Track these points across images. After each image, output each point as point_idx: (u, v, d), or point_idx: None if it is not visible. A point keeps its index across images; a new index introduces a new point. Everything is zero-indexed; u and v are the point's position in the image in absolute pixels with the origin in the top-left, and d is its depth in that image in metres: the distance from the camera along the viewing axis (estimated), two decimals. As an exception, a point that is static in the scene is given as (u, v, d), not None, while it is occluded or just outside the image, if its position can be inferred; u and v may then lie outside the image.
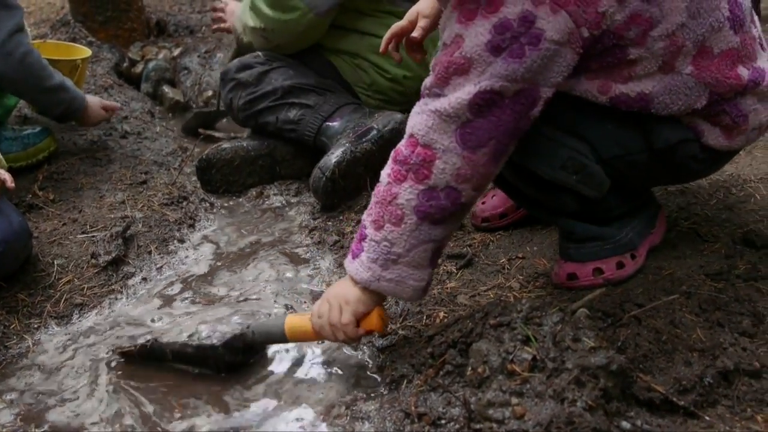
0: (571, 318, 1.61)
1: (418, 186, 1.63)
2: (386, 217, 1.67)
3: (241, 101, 2.96)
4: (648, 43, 1.63)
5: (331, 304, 1.77)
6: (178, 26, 4.70)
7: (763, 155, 2.48)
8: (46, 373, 1.94)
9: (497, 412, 1.48)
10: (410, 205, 1.64)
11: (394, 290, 1.72)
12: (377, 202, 1.69)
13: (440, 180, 1.61)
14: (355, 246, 1.75)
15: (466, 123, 1.58)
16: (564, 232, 2.00)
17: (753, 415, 1.49)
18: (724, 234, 2.09)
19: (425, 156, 1.61)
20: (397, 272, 1.70)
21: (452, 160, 1.60)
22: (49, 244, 2.45)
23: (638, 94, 1.69)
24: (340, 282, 1.81)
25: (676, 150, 1.80)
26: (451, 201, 1.64)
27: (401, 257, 1.68)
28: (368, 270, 1.70)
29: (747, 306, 1.78)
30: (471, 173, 1.62)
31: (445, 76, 1.60)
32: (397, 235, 1.66)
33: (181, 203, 2.80)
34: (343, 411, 1.71)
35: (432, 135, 1.60)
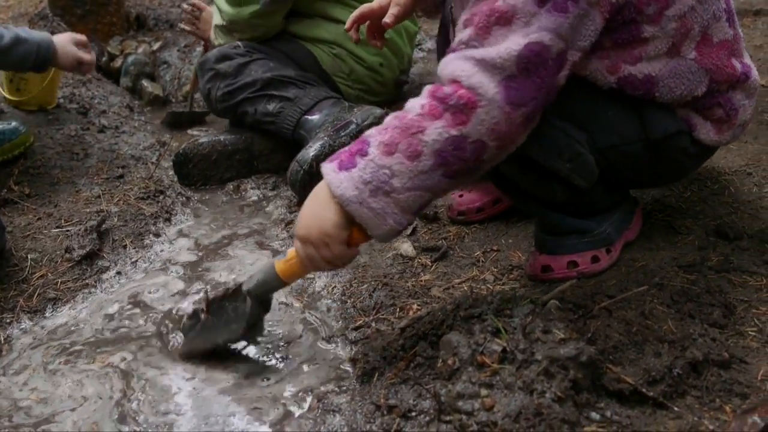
0: (542, 310, 1.61)
1: (450, 130, 1.51)
2: (402, 146, 1.53)
3: (220, 92, 2.95)
4: (662, 22, 1.68)
5: (313, 244, 1.62)
6: (158, 20, 4.68)
7: (737, 148, 2.49)
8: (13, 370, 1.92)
9: (467, 403, 1.48)
10: (434, 147, 1.52)
11: (371, 221, 1.57)
12: (398, 126, 1.55)
13: (474, 130, 1.51)
14: (346, 157, 1.58)
15: (511, 77, 1.50)
16: (543, 225, 2.01)
17: (721, 405, 1.50)
18: (698, 226, 2.10)
19: (468, 100, 1.50)
20: (382, 204, 1.55)
21: (493, 111, 1.50)
22: (23, 238, 2.43)
23: (645, 76, 1.72)
24: (307, 207, 1.65)
25: (669, 142, 1.83)
26: (475, 156, 1.54)
27: (395, 192, 1.55)
28: (355, 189, 1.55)
29: (718, 297, 1.79)
30: (506, 131, 1.53)
31: (486, 25, 1.53)
32: (404, 170, 1.53)
33: (157, 197, 2.78)
34: (314, 404, 1.71)
35: (477, 79, 1.50)
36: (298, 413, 1.69)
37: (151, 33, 4.55)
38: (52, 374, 1.88)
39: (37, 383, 1.85)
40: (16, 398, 1.80)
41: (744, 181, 2.30)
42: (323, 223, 1.60)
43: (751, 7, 3.92)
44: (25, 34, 2.73)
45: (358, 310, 2.01)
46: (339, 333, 1.96)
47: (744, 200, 2.20)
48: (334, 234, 1.60)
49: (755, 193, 2.23)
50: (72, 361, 1.92)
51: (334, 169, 1.59)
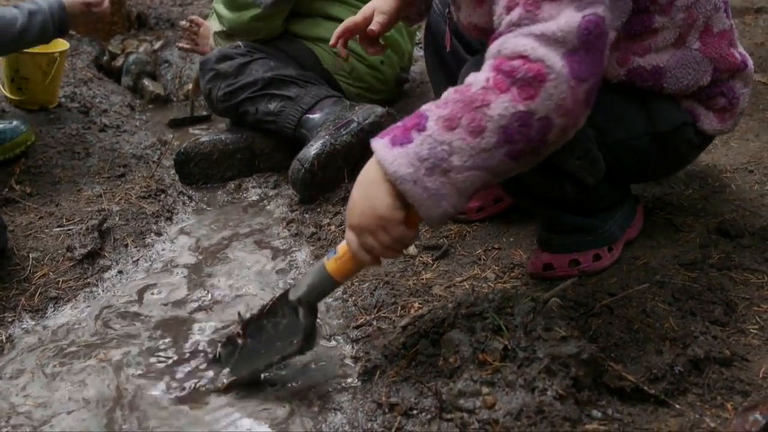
0: (543, 308, 1.61)
1: (518, 105, 1.40)
2: (465, 121, 1.42)
3: (220, 92, 2.95)
4: (672, 12, 1.71)
5: (370, 232, 1.52)
6: (159, 19, 4.68)
7: (738, 146, 2.49)
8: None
9: (468, 401, 1.48)
10: (500, 122, 1.41)
11: (425, 202, 1.45)
12: (459, 100, 1.44)
13: (542, 106, 1.41)
14: (401, 132, 1.48)
15: (572, 51, 1.42)
16: (548, 223, 2.01)
17: (723, 402, 1.50)
18: (699, 224, 2.10)
19: (537, 72, 1.40)
20: (438, 184, 1.44)
21: (561, 86, 1.40)
22: (24, 237, 2.43)
23: (654, 67, 1.75)
24: (356, 191, 1.55)
25: (676, 134, 1.85)
26: (541, 134, 1.43)
27: (452, 172, 1.43)
28: (410, 165, 1.43)
29: (719, 295, 1.79)
30: (572, 107, 1.43)
31: (535, 1, 1.45)
32: (465, 147, 1.42)
33: (159, 196, 2.78)
34: (315, 402, 1.70)
35: (542, 51, 1.41)
36: (300, 411, 1.68)
37: (153, 32, 4.55)
38: (52, 376, 1.88)
39: (37, 384, 1.85)
40: (14, 401, 1.80)
41: (745, 178, 2.30)
42: (375, 205, 1.50)
43: (752, 4, 3.92)
44: (32, 5, 2.73)
45: (360, 309, 2.01)
46: (340, 331, 1.96)
47: (745, 198, 2.20)
48: (389, 216, 1.49)
49: (757, 190, 2.23)
50: (72, 362, 1.92)
51: (386, 144, 1.48)
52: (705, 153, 2.45)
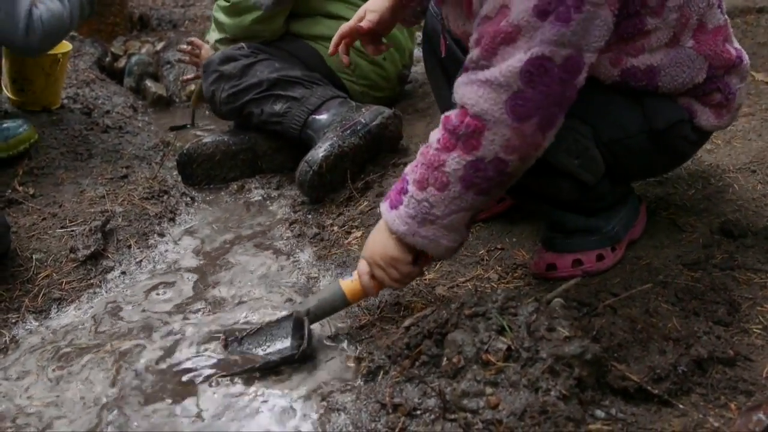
0: (546, 308, 1.62)
1: (466, 157, 1.62)
2: (431, 180, 1.67)
3: (224, 94, 2.95)
4: (664, 14, 1.71)
5: (383, 268, 1.80)
6: (161, 20, 4.69)
7: (741, 146, 2.49)
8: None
9: (472, 402, 1.48)
10: (457, 175, 1.64)
11: (428, 247, 1.75)
12: (424, 163, 1.69)
13: (489, 151, 1.60)
14: (394, 196, 1.76)
15: (516, 93, 1.56)
16: (551, 223, 2.01)
17: (726, 402, 1.50)
18: (702, 224, 2.10)
19: (475, 127, 1.59)
20: (432, 231, 1.72)
21: (502, 131, 1.58)
22: (27, 238, 2.44)
23: (647, 67, 1.75)
24: (374, 236, 1.83)
25: (672, 131, 1.85)
26: (498, 172, 1.63)
27: (439, 219, 1.70)
28: (405, 224, 1.72)
29: (723, 295, 1.79)
30: (519, 144, 1.60)
31: (492, 46, 1.58)
32: (439, 200, 1.68)
33: (161, 197, 2.79)
34: (319, 402, 1.71)
35: (482, 105, 1.58)
36: (304, 412, 1.69)
37: (155, 33, 4.56)
38: (55, 377, 1.88)
39: (41, 385, 1.85)
40: (18, 402, 1.81)
41: (748, 178, 2.30)
42: (387, 250, 1.79)
43: (755, 4, 3.91)
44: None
45: (363, 309, 2.01)
46: (344, 332, 1.96)
47: (748, 198, 2.20)
48: (400, 257, 1.79)
49: (759, 190, 2.23)
50: (75, 362, 1.93)
51: (387, 208, 1.78)
52: (708, 153, 2.46)
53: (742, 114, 2.71)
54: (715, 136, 2.57)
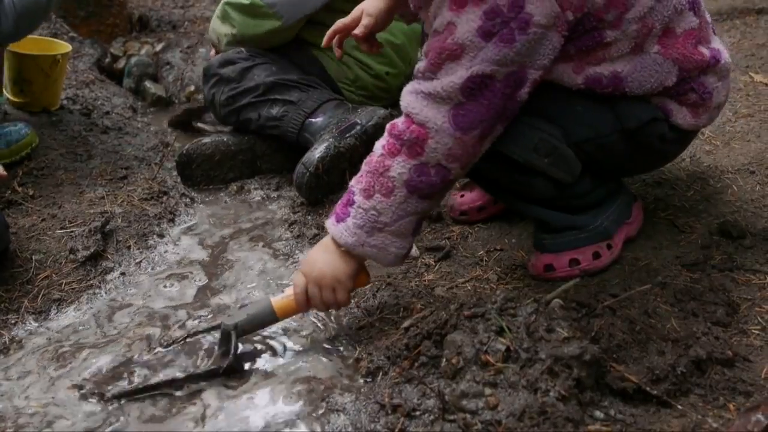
0: (545, 309, 1.62)
1: (410, 161, 1.69)
2: (377, 187, 1.73)
3: (223, 96, 2.95)
4: (623, 26, 1.72)
5: (321, 286, 1.81)
6: (161, 21, 4.68)
7: (740, 147, 2.49)
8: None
9: (471, 402, 1.49)
10: (402, 179, 1.70)
11: (376, 255, 1.79)
12: (369, 171, 1.75)
13: (432, 158, 1.68)
14: (340, 209, 1.80)
15: (458, 105, 1.64)
16: (539, 223, 2.02)
17: (725, 403, 1.51)
18: (701, 225, 2.10)
19: (419, 134, 1.67)
20: (381, 239, 1.76)
21: (444, 140, 1.66)
22: (27, 239, 2.43)
23: (611, 73, 1.77)
24: (319, 251, 1.85)
25: (646, 130, 1.86)
26: (441, 178, 1.71)
27: (387, 226, 1.75)
28: (353, 235, 1.76)
29: (721, 296, 1.79)
30: (461, 153, 1.69)
31: (437, 62, 1.66)
32: (386, 206, 1.73)
33: (161, 198, 2.78)
34: (318, 403, 1.71)
35: (426, 113, 1.66)
36: (304, 413, 1.69)
37: (154, 34, 4.55)
38: (55, 377, 1.88)
39: (41, 385, 1.86)
40: (18, 402, 1.81)
41: (747, 179, 2.30)
42: (337, 271, 1.81)
43: (754, 5, 3.92)
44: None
45: (362, 310, 2.01)
46: (343, 333, 1.96)
47: (747, 199, 2.20)
48: (344, 282, 1.82)
49: (758, 191, 2.23)
50: (74, 363, 1.93)
51: (333, 223, 1.81)
52: (706, 154, 2.47)
53: (741, 115, 2.72)
54: (713, 136, 2.58)
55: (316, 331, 1.99)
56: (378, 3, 2.10)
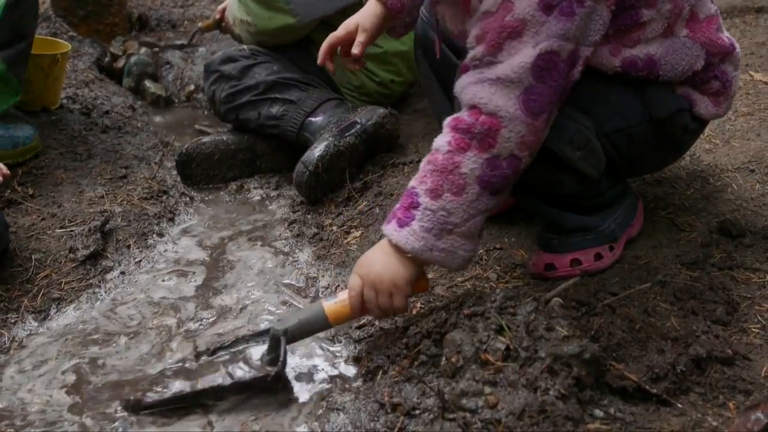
0: (545, 307, 1.62)
1: (482, 155, 1.61)
2: (446, 186, 1.64)
3: (223, 94, 2.95)
4: (658, 5, 1.73)
5: (378, 290, 1.71)
6: (160, 21, 4.67)
7: (740, 145, 2.49)
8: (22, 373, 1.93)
9: (470, 401, 1.48)
10: (474, 175, 1.62)
11: (444, 260, 1.69)
12: (435, 170, 1.65)
13: (504, 149, 1.61)
14: (402, 213, 1.69)
15: (528, 89, 1.59)
16: (548, 224, 2.01)
17: (725, 402, 1.51)
18: (701, 223, 2.10)
19: (491, 124, 1.60)
20: (450, 242, 1.67)
21: (517, 128, 1.60)
22: (27, 239, 2.43)
23: (646, 56, 1.77)
24: (376, 255, 1.74)
25: (673, 120, 1.88)
26: (513, 169, 1.65)
27: (457, 227, 1.66)
28: (421, 239, 1.66)
29: (721, 294, 1.79)
30: (532, 140, 1.64)
31: (498, 41, 1.60)
32: (457, 205, 1.64)
33: (160, 197, 2.78)
34: (318, 402, 1.71)
35: (496, 102, 1.59)
36: (303, 412, 1.69)
37: (154, 33, 4.55)
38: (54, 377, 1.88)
39: (41, 384, 1.86)
40: (18, 401, 1.81)
41: (747, 178, 2.30)
42: (396, 276, 1.70)
43: (753, 4, 3.91)
44: None
45: (362, 309, 2.01)
46: (343, 332, 1.96)
47: (747, 197, 2.20)
48: (403, 288, 1.71)
49: (758, 190, 2.23)
50: (74, 363, 1.93)
51: (395, 228, 1.69)
52: (706, 153, 2.47)
53: (741, 114, 2.71)
54: (713, 135, 2.58)
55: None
56: (372, 17, 2.06)
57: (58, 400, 1.80)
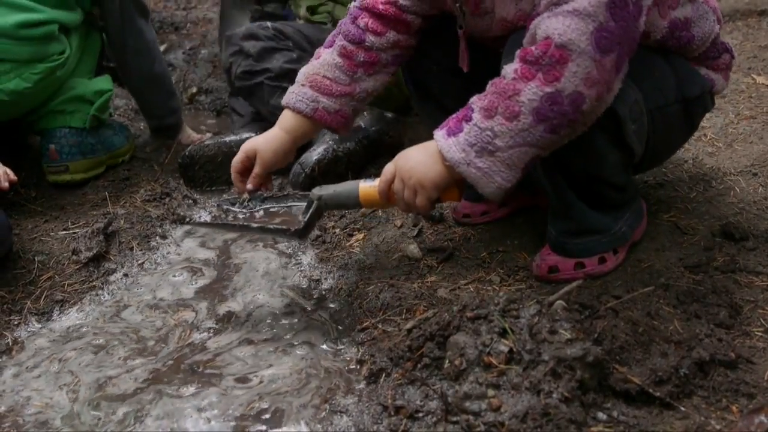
0: (548, 310, 1.62)
1: (544, 88, 1.61)
2: (500, 108, 1.64)
3: (240, 70, 2.93)
4: None
5: (405, 184, 1.79)
6: (163, 23, 4.69)
7: (743, 148, 2.50)
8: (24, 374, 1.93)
9: (474, 404, 1.48)
10: (531, 106, 1.62)
11: (479, 179, 1.71)
12: (495, 92, 1.66)
13: (569, 84, 1.60)
14: (453, 123, 1.72)
15: (602, 25, 1.58)
16: (565, 225, 1.98)
17: (728, 405, 1.50)
18: (704, 226, 2.10)
19: (560, 57, 1.59)
20: (488, 163, 1.68)
21: (585, 63, 1.59)
22: (30, 241, 2.44)
23: (684, 17, 1.86)
24: (418, 152, 1.81)
25: (700, 99, 1.97)
26: (574, 107, 1.62)
27: (499, 151, 1.67)
28: (462, 151, 1.69)
29: (724, 297, 1.79)
30: (599, 78, 1.61)
31: None
32: (505, 130, 1.65)
33: (163, 199, 2.79)
34: (321, 405, 1.71)
35: (570, 35, 1.58)
36: (306, 415, 1.69)
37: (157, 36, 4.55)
38: (58, 378, 1.89)
39: (44, 386, 1.86)
40: (21, 403, 1.81)
41: (750, 181, 2.30)
42: (425, 177, 1.77)
43: (756, 7, 3.92)
44: None
45: (365, 312, 2.01)
46: (346, 334, 1.96)
47: (750, 201, 2.20)
48: (429, 190, 1.78)
49: (761, 193, 2.23)
50: (77, 364, 1.93)
51: (443, 135, 1.73)
52: (709, 156, 2.47)
53: (744, 117, 2.72)
54: (716, 138, 2.58)
55: (318, 332, 1.99)
56: (276, 148, 2.13)
57: (59, 401, 1.80)
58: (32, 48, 2.57)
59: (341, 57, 2.09)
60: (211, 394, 1.78)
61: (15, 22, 2.50)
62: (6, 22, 2.50)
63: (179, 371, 1.88)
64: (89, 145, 2.87)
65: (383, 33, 2.05)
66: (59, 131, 2.82)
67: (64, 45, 2.70)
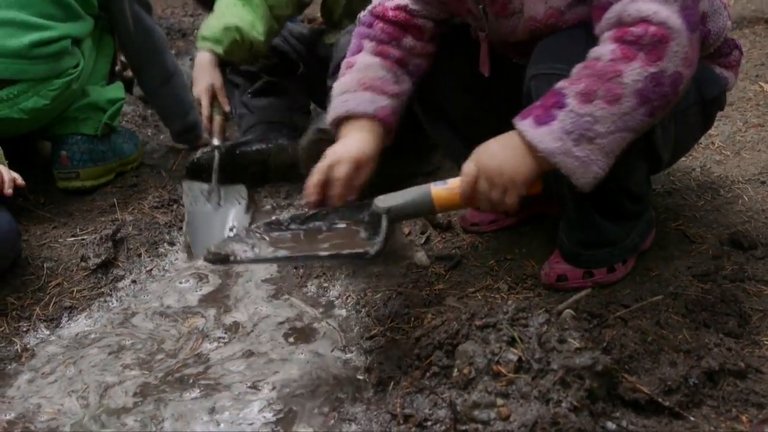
0: (557, 319, 1.62)
1: (648, 68, 1.54)
2: (600, 92, 1.56)
3: None
4: None
5: (493, 183, 1.67)
6: (171, 29, 4.70)
7: (751, 157, 2.50)
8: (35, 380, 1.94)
9: (483, 413, 1.48)
10: (634, 87, 1.55)
11: (575, 169, 1.61)
12: (591, 74, 1.58)
13: (670, 63, 1.55)
14: (542, 112, 1.61)
15: (684, 4, 1.57)
16: (581, 237, 1.97)
17: (738, 415, 1.50)
18: (712, 235, 2.10)
19: (661, 36, 1.54)
20: (587, 152, 1.59)
21: (683, 41, 1.55)
22: (38, 247, 2.45)
23: (702, 12, 1.79)
24: (500, 147, 1.69)
25: (717, 101, 1.97)
26: (673, 88, 1.58)
27: (599, 137, 1.58)
28: (558, 140, 1.58)
29: (733, 306, 1.79)
30: (693, 57, 1.59)
31: None
32: (606, 114, 1.56)
33: (171, 206, 2.79)
34: (329, 413, 1.71)
35: (664, 13, 1.54)
36: (315, 423, 1.69)
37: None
38: (67, 384, 1.89)
39: (54, 392, 1.87)
40: (31, 409, 1.82)
41: (758, 189, 2.30)
42: (517, 173, 1.65)
43: (763, 14, 3.92)
44: None
45: (373, 320, 2.01)
46: (354, 342, 1.96)
47: (758, 209, 2.20)
48: (519, 186, 1.67)
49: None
50: (87, 371, 1.94)
51: (531, 125, 1.62)
52: (717, 164, 2.47)
53: (752, 125, 2.72)
54: (724, 146, 2.58)
55: (326, 340, 1.99)
56: (374, 148, 1.92)
57: (69, 408, 1.81)
58: (47, 66, 2.58)
59: (377, 56, 1.99)
60: (223, 398, 1.79)
61: (28, 42, 2.51)
62: (19, 42, 2.51)
63: (190, 377, 1.88)
64: (100, 152, 2.88)
65: (401, 38, 1.99)
66: (71, 138, 2.82)
67: (77, 58, 2.70)
